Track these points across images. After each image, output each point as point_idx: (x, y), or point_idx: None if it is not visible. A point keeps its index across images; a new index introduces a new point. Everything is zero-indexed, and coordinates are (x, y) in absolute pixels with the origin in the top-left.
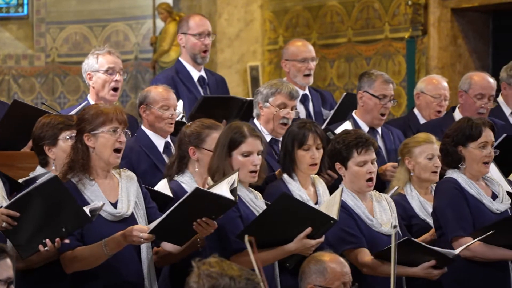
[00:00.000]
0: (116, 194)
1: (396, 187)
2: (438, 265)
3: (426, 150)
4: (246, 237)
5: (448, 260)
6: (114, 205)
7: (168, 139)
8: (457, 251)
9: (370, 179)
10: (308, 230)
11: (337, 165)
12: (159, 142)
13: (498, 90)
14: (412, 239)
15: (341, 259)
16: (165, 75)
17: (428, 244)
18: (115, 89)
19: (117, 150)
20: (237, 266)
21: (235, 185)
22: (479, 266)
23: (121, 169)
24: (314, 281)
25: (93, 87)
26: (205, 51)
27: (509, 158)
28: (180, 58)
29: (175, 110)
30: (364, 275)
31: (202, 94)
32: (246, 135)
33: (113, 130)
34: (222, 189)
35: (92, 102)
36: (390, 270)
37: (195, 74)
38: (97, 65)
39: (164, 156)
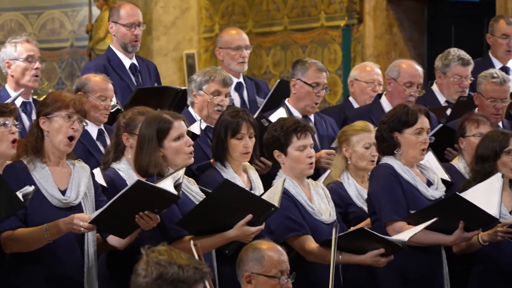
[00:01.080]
0: (66, 182)
1: (329, 171)
2: (386, 253)
3: (364, 139)
4: (192, 242)
5: (397, 248)
6: (63, 193)
7: (102, 126)
8: (406, 238)
9: (311, 164)
10: (249, 217)
11: (276, 153)
12: (93, 130)
13: (432, 79)
14: (365, 228)
15: (279, 247)
16: (96, 63)
17: None
18: (36, 76)
19: (70, 138)
20: (186, 255)
21: (180, 180)
22: (413, 251)
23: (76, 160)
24: (252, 269)
25: (12, 76)
26: (135, 41)
27: (444, 147)
28: (111, 46)
29: (111, 101)
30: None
31: (134, 81)
32: (171, 120)
33: (68, 116)
34: (166, 183)
35: (10, 90)
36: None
37: (127, 62)
38: (15, 53)
39: (98, 143)
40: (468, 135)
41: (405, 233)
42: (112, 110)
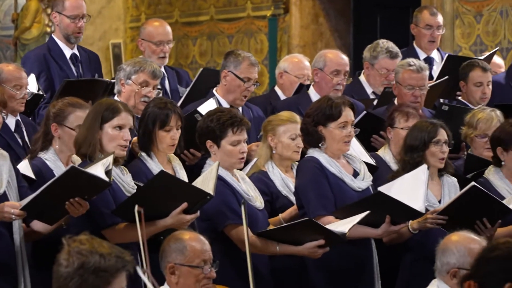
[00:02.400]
0: None
1: (255, 159)
2: (324, 245)
3: (290, 130)
4: (136, 207)
5: (337, 239)
6: None
7: (19, 117)
8: (346, 230)
9: (242, 158)
10: (184, 205)
11: (208, 143)
12: (10, 121)
13: (358, 69)
14: (313, 220)
15: (201, 237)
16: (36, 52)
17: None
18: None
19: None
20: (107, 243)
21: (110, 167)
22: (343, 244)
23: None
24: (174, 259)
25: None
26: (78, 32)
27: (369, 135)
28: (53, 35)
29: (26, 89)
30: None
31: (74, 72)
32: (121, 109)
33: None
34: (97, 170)
35: None
36: (274, 248)
37: (68, 52)
38: None
39: (16, 135)
40: (397, 127)
41: (342, 225)
42: (28, 98)
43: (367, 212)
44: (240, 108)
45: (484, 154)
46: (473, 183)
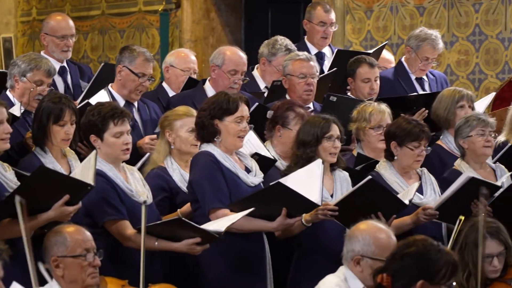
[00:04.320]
0: None
1: (147, 155)
2: (202, 242)
3: (187, 124)
4: (17, 198)
5: (213, 237)
6: None
7: None
8: (223, 228)
9: (127, 149)
10: (66, 197)
11: (92, 137)
12: None
13: (250, 64)
14: (182, 218)
15: (82, 228)
16: None
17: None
18: None
19: None
20: None
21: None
22: (236, 237)
23: None
24: (57, 252)
25: None
26: None
27: (262, 125)
28: None
29: None
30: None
31: None
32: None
33: None
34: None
35: None
36: (152, 244)
37: None
38: None
39: None
40: (290, 128)
41: (223, 222)
42: None
43: (252, 209)
44: (136, 104)
45: (378, 146)
46: (370, 176)
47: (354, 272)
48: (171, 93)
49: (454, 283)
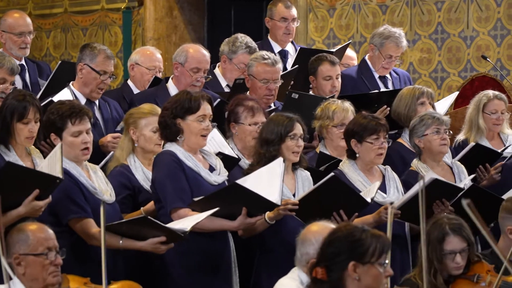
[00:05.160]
0: None
1: (111, 153)
2: (167, 241)
3: (152, 123)
4: None
5: (178, 237)
6: None
7: None
8: (188, 227)
9: (86, 148)
10: (36, 192)
11: (52, 136)
12: None
13: (213, 61)
14: (148, 217)
15: (44, 226)
16: None
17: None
18: None
19: None
20: None
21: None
22: (200, 236)
23: None
24: (18, 250)
25: None
26: None
27: (223, 122)
28: None
29: None
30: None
31: None
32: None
33: None
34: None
35: None
36: (116, 242)
37: None
38: None
39: None
40: (243, 123)
41: (188, 221)
42: None
43: (216, 208)
44: (97, 102)
45: (341, 144)
46: (332, 173)
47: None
48: (136, 91)
49: (387, 261)
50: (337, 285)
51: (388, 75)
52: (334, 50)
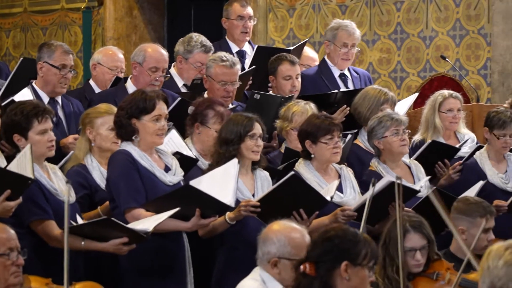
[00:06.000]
0: None
1: (71, 153)
2: (129, 242)
3: (108, 121)
4: None
5: (140, 237)
6: None
7: None
8: (150, 228)
9: (52, 146)
10: (7, 193)
11: (16, 137)
12: None
13: (172, 62)
14: (112, 219)
15: (6, 226)
16: None
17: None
18: None
19: None
20: None
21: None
22: (154, 236)
23: None
24: None
25: None
26: None
27: (183, 121)
28: None
29: None
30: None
31: None
32: None
33: None
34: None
35: None
36: (79, 244)
37: None
38: None
39: None
40: (209, 127)
41: (149, 222)
42: None
43: (177, 209)
44: (59, 99)
45: (299, 147)
46: (292, 172)
47: (271, 274)
48: (97, 91)
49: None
50: (325, 282)
51: (348, 74)
52: (291, 48)
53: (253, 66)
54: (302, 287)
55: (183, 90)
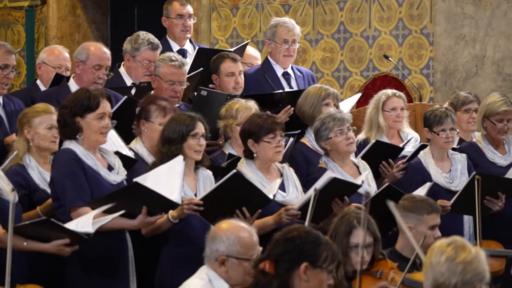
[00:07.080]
0: None
1: (15, 152)
2: (71, 243)
3: (46, 120)
4: None
5: (82, 239)
6: None
7: None
8: (92, 230)
9: None
10: None
11: None
12: None
13: (116, 61)
14: (52, 220)
15: None
16: None
17: None
18: None
19: None
20: None
21: None
22: (96, 235)
23: None
24: None
25: None
26: None
27: (129, 123)
28: None
29: None
30: None
31: None
32: None
33: None
34: None
35: None
36: (21, 244)
37: None
38: None
39: None
40: (153, 122)
41: (94, 223)
42: None
43: (122, 211)
44: (1, 100)
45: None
46: (235, 170)
47: (218, 272)
48: (44, 89)
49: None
50: (284, 281)
51: (291, 73)
52: (232, 49)
53: (201, 69)
54: (261, 285)
55: (133, 90)
